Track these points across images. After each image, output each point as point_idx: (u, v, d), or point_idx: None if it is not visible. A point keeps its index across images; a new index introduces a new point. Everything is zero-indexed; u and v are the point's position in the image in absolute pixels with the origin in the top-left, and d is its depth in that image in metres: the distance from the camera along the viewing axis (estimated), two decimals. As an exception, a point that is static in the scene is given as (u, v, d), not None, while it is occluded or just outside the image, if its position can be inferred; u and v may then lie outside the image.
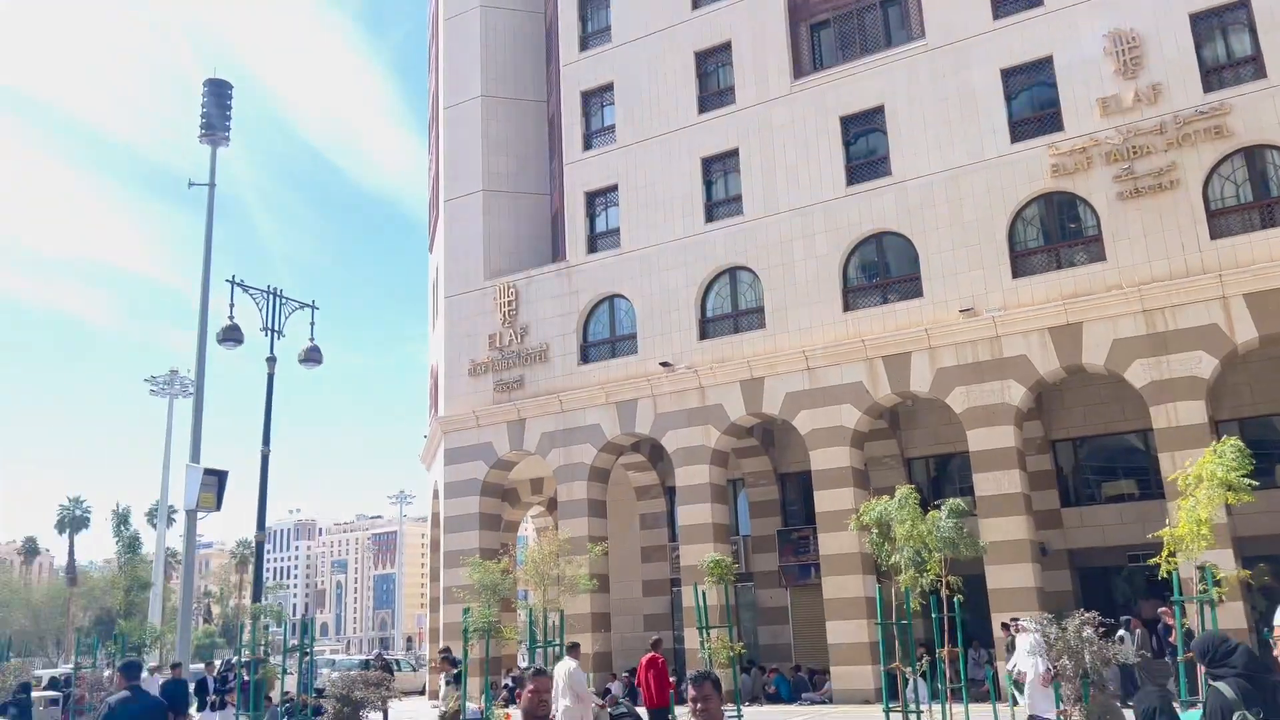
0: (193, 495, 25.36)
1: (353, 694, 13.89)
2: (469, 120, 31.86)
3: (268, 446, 25.24)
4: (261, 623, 19.61)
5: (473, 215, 31.01)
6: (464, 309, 30.37)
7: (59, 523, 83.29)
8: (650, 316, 26.86)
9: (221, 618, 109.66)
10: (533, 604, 18.44)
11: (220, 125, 28.88)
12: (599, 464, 27.19)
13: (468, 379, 29.65)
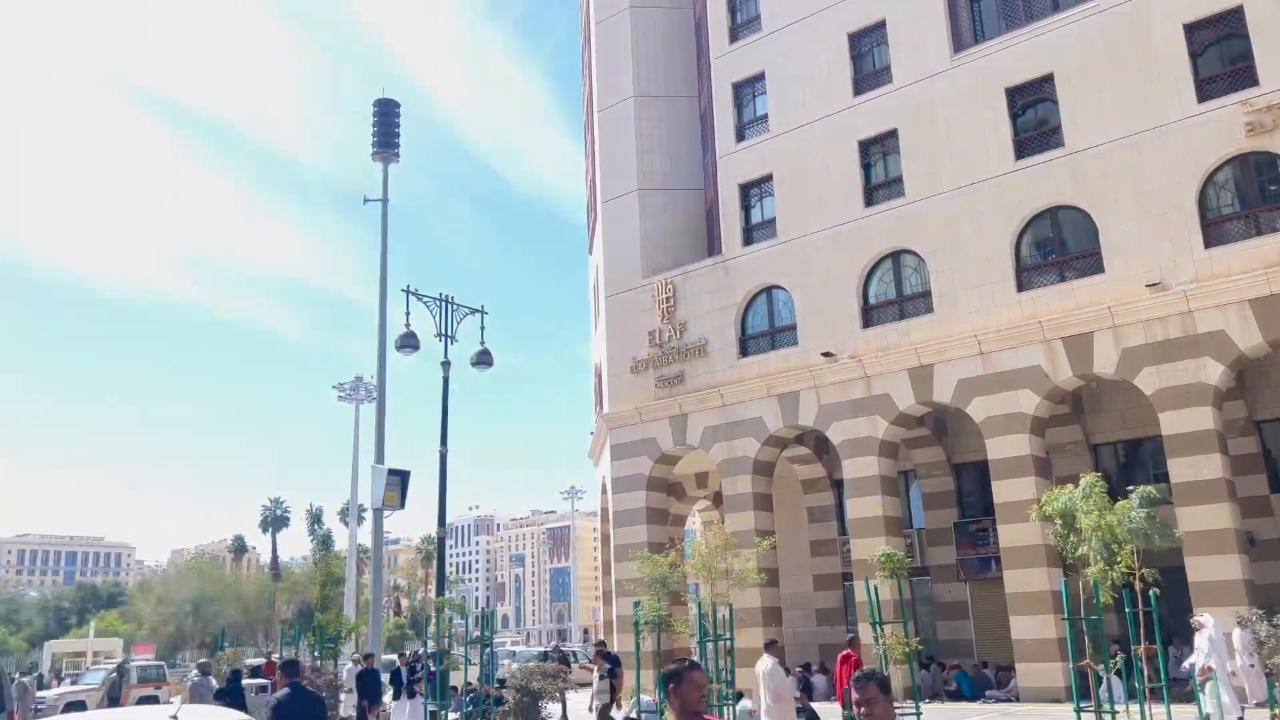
0: (378, 494, 26.69)
1: (531, 685, 14.33)
2: (622, 121, 32.27)
3: (445, 446, 26.37)
4: (445, 615, 20.48)
5: (629, 214, 31.39)
6: (624, 307, 30.79)
7: (262, 522, 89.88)
8: (810, 306, 26.44)
9: (410, 610, 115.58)
10: (702, 598, 18.49)
11: (390, 143, 30.31)
12: (762, 457, 26.99)
13: (630, 376, 30.05)
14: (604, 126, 33.11)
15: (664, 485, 30.21)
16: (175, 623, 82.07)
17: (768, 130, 28.43)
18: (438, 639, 18.91)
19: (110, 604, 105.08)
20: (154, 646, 69.96)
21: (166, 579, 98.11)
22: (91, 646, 63.41)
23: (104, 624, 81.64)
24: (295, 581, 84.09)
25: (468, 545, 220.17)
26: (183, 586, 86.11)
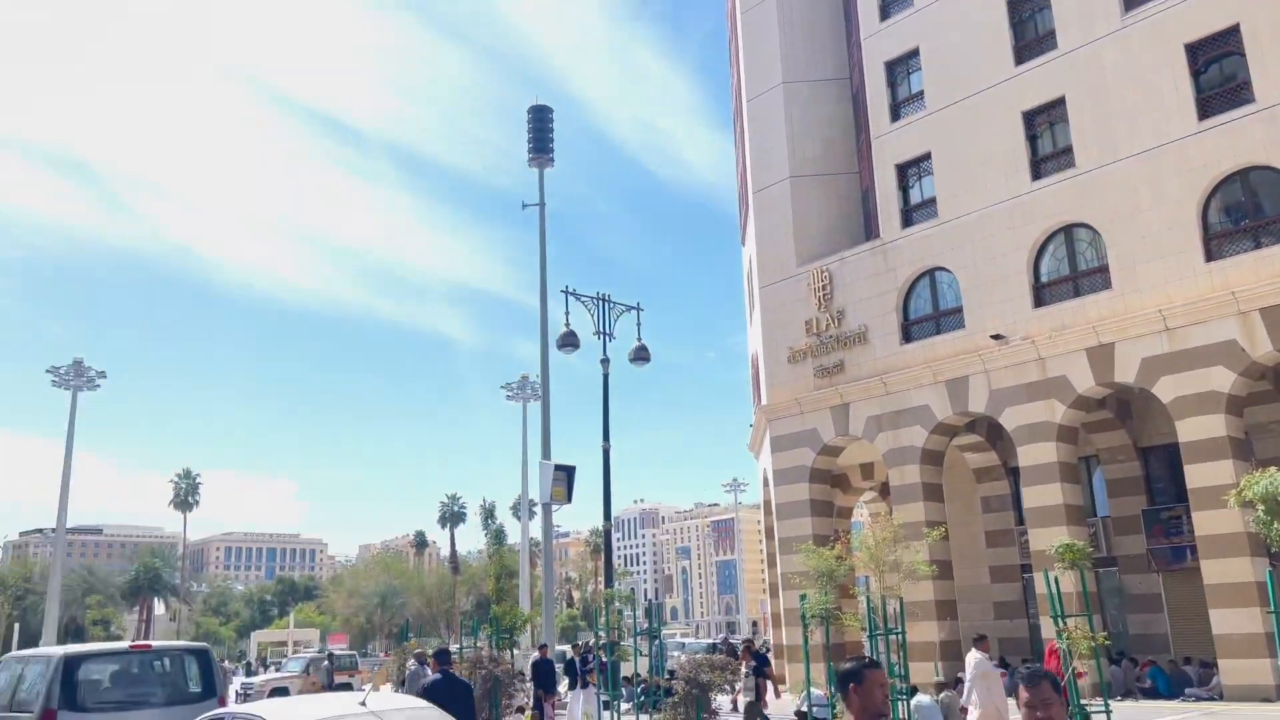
0: (546, 489, 27.44)
1: (700, 676, 14.40)
2: (772, 109, 31.92)
3: (608, 442, 26.90)
4: (615, 607, 20.85)
5: (781, 203, 31.02)
6: (779, 297, 30.47)
7: (441, 518, 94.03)
8: (976, 287, 25.42)
9: (581, 602, 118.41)
10: (871, 591, 18.10)
11: (545, 148, 31.07)
12: (931, 446, 26.16)
13: (787, 366, 29.72)
14: (753, 115, 32.85)
15: (827, 477, 29.73)
16: (365, 614, 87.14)
17: (924, 107, 27.50)
18: (608, 630, 19.28)
19: (307, 596, 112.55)
20: (347, 636, 74.45)
21: (355, 573, 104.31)
22: (292, 636, 68.11)
23: (302, 615, 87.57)
24: (473, 574, 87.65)
25: (634, 538, 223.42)
26: (370, 580, 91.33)
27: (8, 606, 74.66)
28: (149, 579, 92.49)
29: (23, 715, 11.71)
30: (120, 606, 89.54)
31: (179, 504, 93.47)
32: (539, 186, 31.14)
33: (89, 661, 12.36)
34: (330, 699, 8.77)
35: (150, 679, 13.03)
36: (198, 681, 12.90)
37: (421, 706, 8.46)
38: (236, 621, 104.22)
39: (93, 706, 11.90)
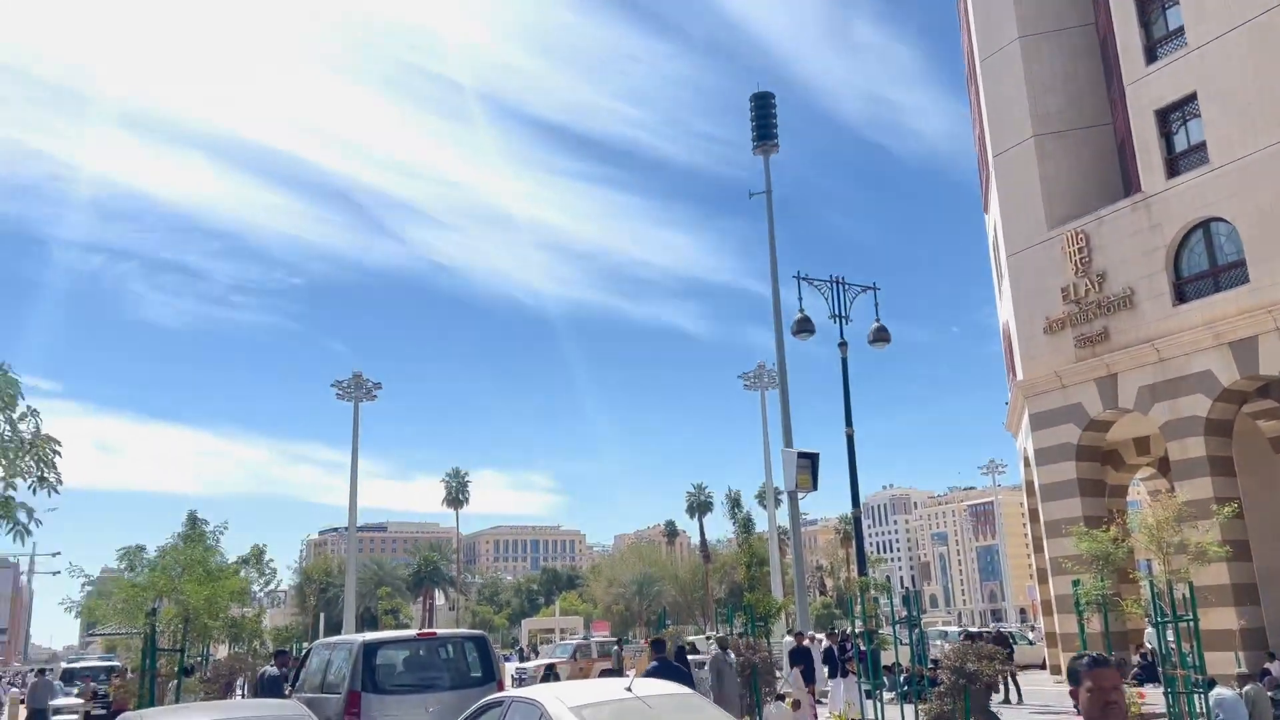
0: (790, 477, 27.34)
1: (966, 665, 13.83)
2: (1009, 66, 30.02)
3: (851, 427, 26.41)
4: (870, 595, 20.44)
5: (1026, 164, 29.12)
6: (1030, 265, 28.64)
7: (689, 507, 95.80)
8: (1261, 237, 22.75)
9: (834, 590, 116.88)
10: (1154, 575, 16.67)
11: (769, 134, 30.96)
12: (1216, 415, 23.69)
13: (1044, 338, 27.87)
14: (988, 75, 31.04)
15: (1096, 454, 27.63)
16: (624, 602, 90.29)
17: (1185, 44, 24.91)
18: (865, 619, 18.91)
19: (569, 586, 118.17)
20: (609, 624, 77.49)
21: (612, 562, 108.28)
22: (558, 624, 71.78)
23: (565, 604, 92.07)
24: (723, 562, 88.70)
25: (885, 524, 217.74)
26: (626, 569, 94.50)
27: (314, 598, 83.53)
28: (429, 571, 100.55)
29: (332, 696, 13.06)
30: (406, 597, 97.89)
31: (451, 501, 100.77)
32: (765, 173, 31.08)
33: (384, 647, 13.60)
34: (599, 684, 9.21)
35: (437, 664, 14.16)
36: (478, 666, 13.86)
37: (684, 693, 8.68)
38: (508, 610, 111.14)
39: (389, 688, 13.06)
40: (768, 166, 31.03)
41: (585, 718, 7.55)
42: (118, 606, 17.91)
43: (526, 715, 8.03)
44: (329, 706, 12.65)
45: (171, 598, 16.89)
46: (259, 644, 21.63)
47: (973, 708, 13.56)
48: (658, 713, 7.79)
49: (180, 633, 16.84)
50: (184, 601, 16.56)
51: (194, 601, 16.48)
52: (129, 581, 17.58)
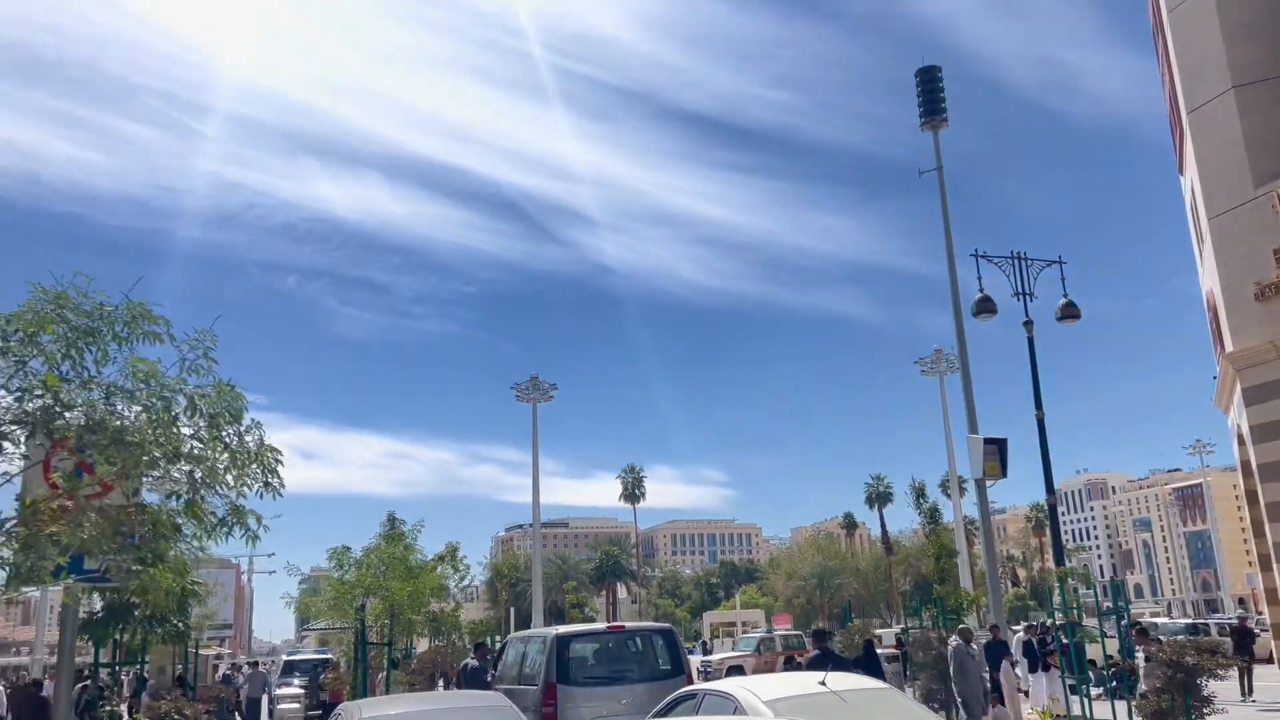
0: (977, 465, 26.26)
1: (1184, 659, 12.89)
2: (1200, 14, 27.74)
3: (1040, 409, 25.19)
4: (1069, 585, 19.44)
5: (1225, 118, 26.84)
6: (1234, 227, 26.39)
7: (867, 498, 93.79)
8: None
9: (1028, 580, 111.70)
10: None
11: (937, 110, 29.83)
12: None
13: (1255, 305, 25.60)
14: (1177, 25, 28.79)
15: (1323, 428, 25.18)
16: (805, 595, 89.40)
17: None
18: (1065, 610, 17.98)
19: (748, 579, 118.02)
20: (790, 617, 76.91)
21: (790, 555, 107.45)
22: (739, 617, 71.80)
23: (745, 597, 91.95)
24: (906, 554, 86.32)
25: (1081, 511, 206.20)
26: (805, 562, 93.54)
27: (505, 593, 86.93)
28: (610, 566, 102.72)
29: (529, 688, 13.54)
30: (589, 591, 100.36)
31: (627, 497, 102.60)
32: (935, 150, 29.93)
33: (576, 641, 13.99)
34: (793, 678, 9.16)
35: (625, 657, 14.43)
36: (666, 659, 14.04)
37: (880, 687, 8.51)
38: (689, 603, 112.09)
39: (582, 680, 13.42)
40: (937, 142, 29.89)
41: (779, 711, 7.53)
42: (329, 602, 19.19)
43: (721, 708, 8.09)
44: (526, 697, 13.11)
45: (377, 594, 17.95)
46: (457, 637, 22.66)
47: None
48: (853, 707, 7.69)
49: (387, 627, 17.88)
50: (390, 597, 17.56)
51: (399, 597, 17.45)
52: (338, 579, 18.80)
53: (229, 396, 5.19)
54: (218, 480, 5.00)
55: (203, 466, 4.96)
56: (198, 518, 5.02)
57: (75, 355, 4.95)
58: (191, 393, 5.12)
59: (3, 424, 4.68)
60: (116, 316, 4.98)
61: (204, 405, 5.10)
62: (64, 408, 4.79)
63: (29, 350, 4.91)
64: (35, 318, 4.90)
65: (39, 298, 4.93)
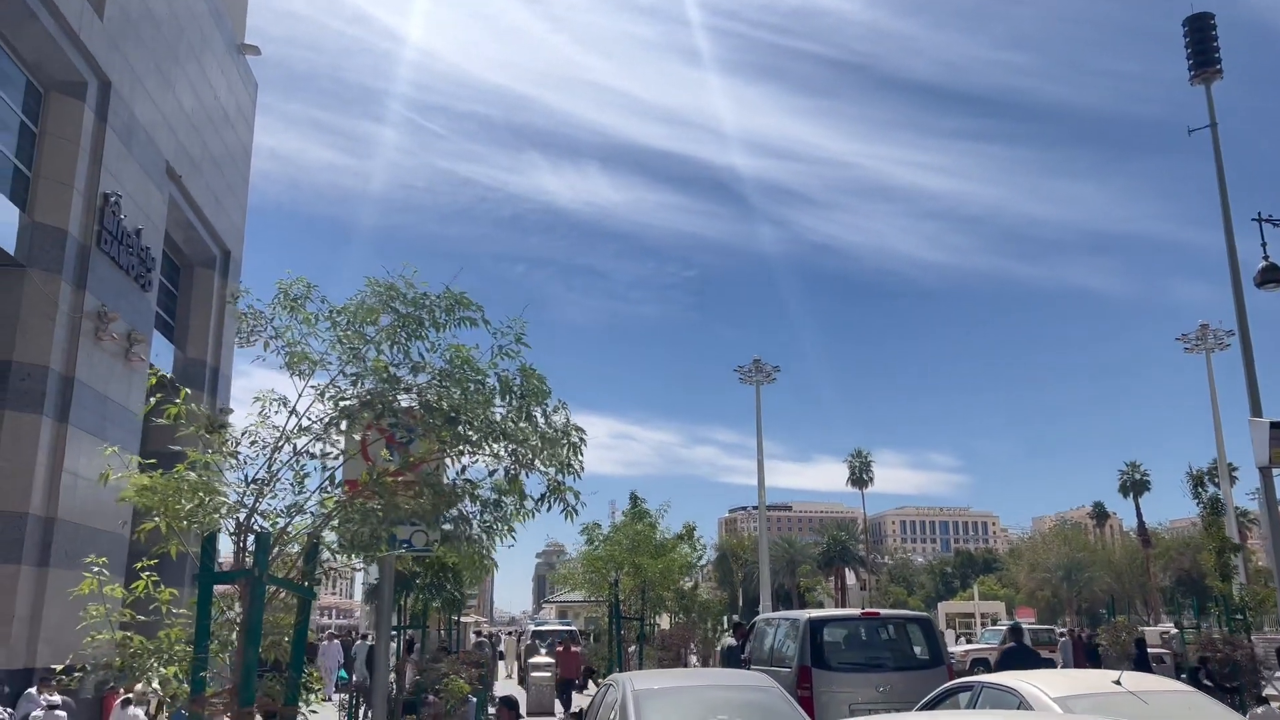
0: (1262, 451, 23.69)
1: None
2: None
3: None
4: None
5: None
6: None
7: (1121, 487, 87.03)
8: None
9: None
10: None
11: (1209, 60, 27.13)
12: None
13: None
14: None
15: None
16: (1049, 588, 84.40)
17: None
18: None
19: (986, 569, 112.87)
20: (1034, 611, 72.91)
21: (1033, 546, 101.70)
22: (977, 609, 68.80)
23: (984, 588, 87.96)
24: (1167, 547, 79.59)
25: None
26: (1050, 553, 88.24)
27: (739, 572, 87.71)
28: (838, 550, 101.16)
29: (782, 669, 13.53)
30: (818, 575, 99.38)
31: (855, 481, 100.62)
32: (1208, 105, 27.21)
33: (829, 626, 13.83)
34: (1082, 675, 8.63)
35: (879, 643, 14.13)
36: (924, 648, 13.64)
37: (1186, 690, 7.86)
38: (922, 592, 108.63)
39: (836, 665, 13.26)
40: (1210, 97, 27.14)
41: (1072, 709, 7.10)
42: (584, 575, 20.00)
43: (1003, 702, 7.72)
44: (780, 679, 13.12)
45: (627, 569, 18.53)
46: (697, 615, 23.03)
47: None
48: (1156, 709, 7.13)
49: (640, 601, 18.42)
50: (641, 573, 18.08)
51: (650, 573, 17.93)
52: (590, 552, 19.57)
53: (534, 379, 5.47)
54: (537, 455, 5.29)
55: (521, 445, 5.26)
56: (520, 493, 5.33)
57: (403, 343, 5.36)
58: (502, 375, 5.44)
59: (350, 408, 5.15)
60: (437, 304, 5.35)
61: (515, 387, 5.41)
62: (400, 391, 5.22)
63: (360, 340, 5.37)
64: (365, 310, 5.36)
65: (371, 290, 5.39)
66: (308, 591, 4.98)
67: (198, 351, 24.35)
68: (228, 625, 4.66)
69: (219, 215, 24.80)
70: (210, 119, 24.02)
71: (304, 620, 5.01)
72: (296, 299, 5.23)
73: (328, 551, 5.43)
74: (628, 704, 8.59)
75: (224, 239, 25.26)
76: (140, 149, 19.15)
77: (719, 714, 8.48)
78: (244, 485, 4.95)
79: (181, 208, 22.32)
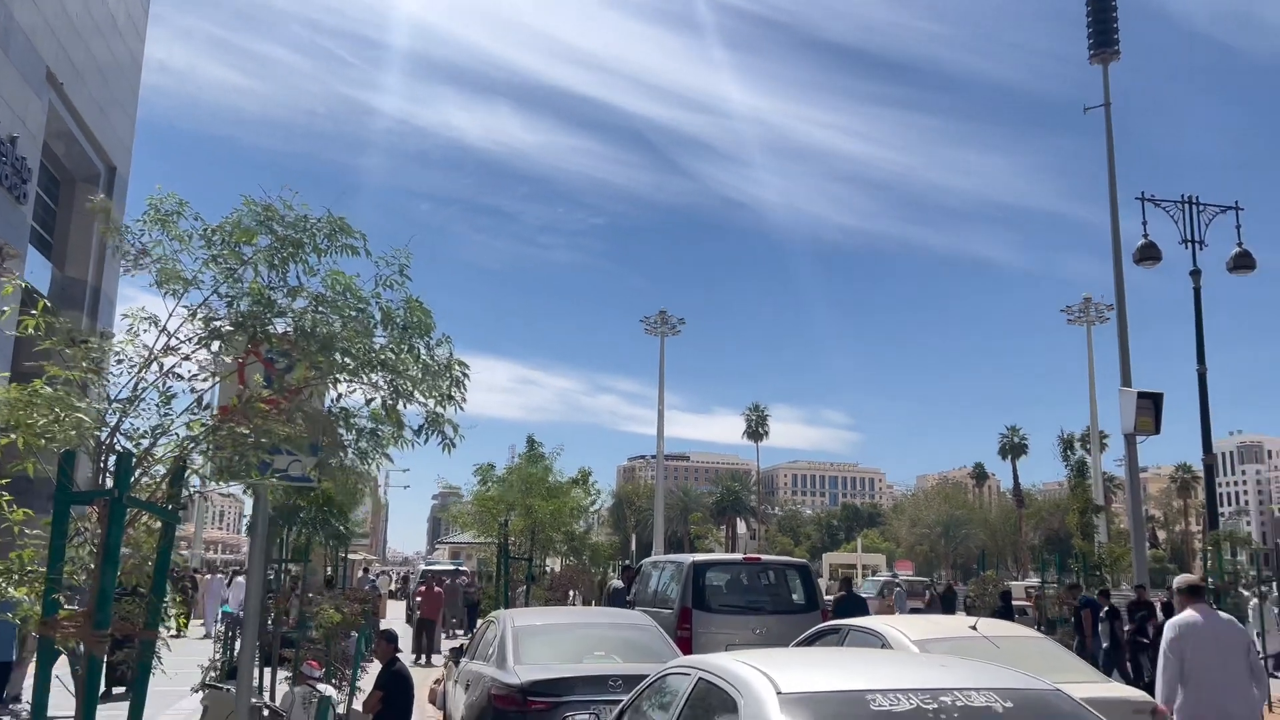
0: (1129, 419, 25.11)
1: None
2: None
3: (1203, 364, 23.75)
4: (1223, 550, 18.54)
5: None
6: None
7: (1001, 449, 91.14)
8: None
9: (1169, 543, 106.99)
10: None
11: (1108, 41, 28.00)
12: None
13: None
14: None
15: None
16: (928, 543, 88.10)
17: None
18: (1220, 576, 17.17)
19: (870, 523, 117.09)
20: (912, 564, 76.06)
21: (916, 502, 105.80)
22: (859, 560, 71.44)
23: (867, 541, 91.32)
24: (1039, 508, 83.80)
25: (1232, 475, 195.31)
26: (931, 510, 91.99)
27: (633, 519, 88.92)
28: (731, 501, 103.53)
29: (664, 610, 13.84)
30: (709, 524, 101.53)
31: (751, 434, 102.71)
32: (1104, 84, 28.13)
33: (712, 569, 14.18)
34: (941, 620, 9.10)
35: (759, 588, 14.57)
36: (801, 594, 14.12)
37: (1033, 635, 8.36)
38: (807, 543, 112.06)
39: (717, 608, 13.63)
40: (1107, 76, 28.07)
41: (928, 650, 7.48)
42: (474, 516, 20.01)
43: (866, 643, 8.09)
44: (661, 620, 13.42)
45: (519, 511, 18.60)
46: (588, 558, 23.33)
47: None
48: (1006, 652, 7.56)
49: (529, 543, 18.54)
50: (532, 515, 18.17)
51: (541, 515, 18.04)
52: (483, 494, 19.56)
53: (419, 312, 5.40)
54: (416, 387, 5.23)
55: (400, 376, 5.19)
56: (398, 424, 5.27)
57: (279, 266, 5.21)
58: (385, 305, 5.35)
59: (223, 329, 4.99)
60: (318, 228, 5.21)
61: (397, 318, 5.32)
62: (275, 315, 5.08)
63: (237, 260, 5.20)
64: (242, 230, 5.19)
65: (248, 210, 5.20)
66: (171, 515, 4.85)
67: (78, 271, 23.18)
68: (84, 546, 4.52)
69: (104, 128, 23.48)
70: (97, 26, 22.62)
71: (167, 545, 4.89)
72: (168, 215, 5.02)
73: (197, 477, 5.30)
74: (506, 639, 8.70)
75: (109, 153, 23.96)
76: (18, 53, 17.94)
77: (596, 650, 8.67)
78: (106, 403, 4.77)
79: (63, 117, 21.05)
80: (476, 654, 9.65)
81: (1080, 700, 4.28)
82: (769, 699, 3.82)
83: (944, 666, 4.48)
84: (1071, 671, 7.36)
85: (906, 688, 3.81)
